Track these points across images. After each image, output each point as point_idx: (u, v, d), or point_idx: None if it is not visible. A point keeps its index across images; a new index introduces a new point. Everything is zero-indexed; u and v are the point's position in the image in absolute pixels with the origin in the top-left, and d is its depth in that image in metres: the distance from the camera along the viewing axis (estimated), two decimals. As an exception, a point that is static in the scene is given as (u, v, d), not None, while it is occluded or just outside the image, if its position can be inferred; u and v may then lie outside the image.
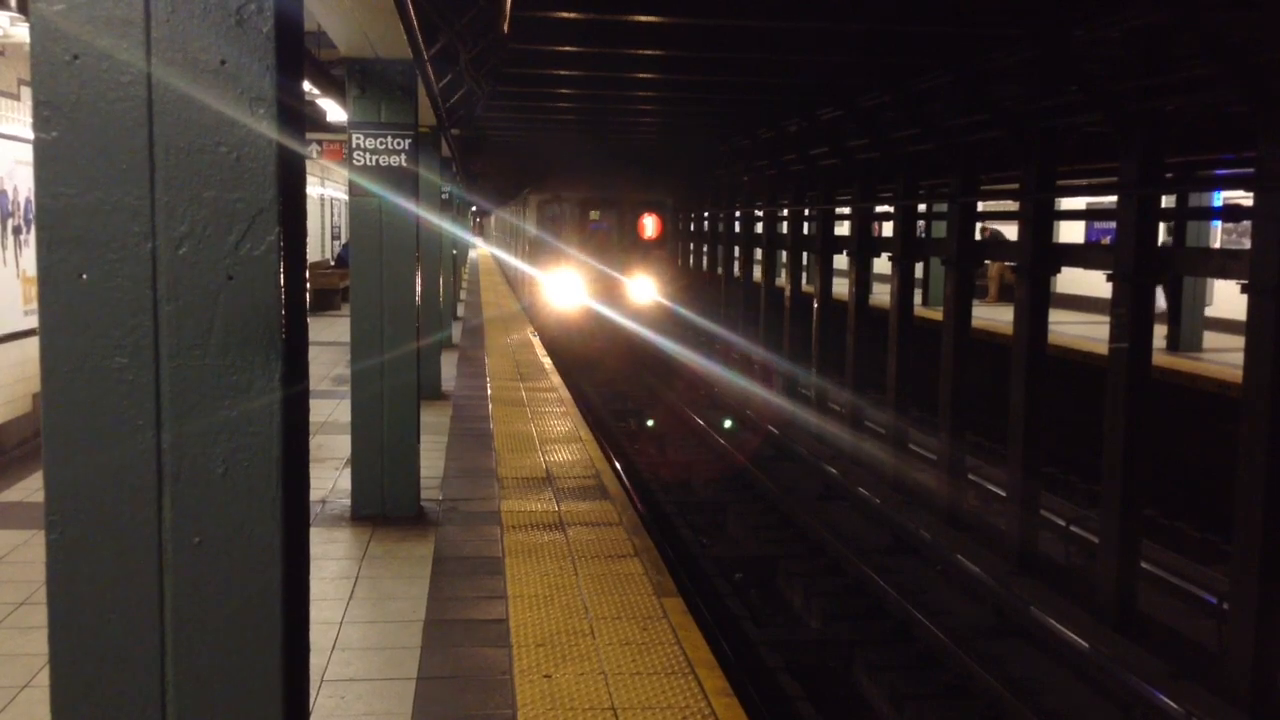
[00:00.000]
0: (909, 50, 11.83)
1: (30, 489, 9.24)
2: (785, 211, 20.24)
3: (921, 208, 16.94)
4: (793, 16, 10.32)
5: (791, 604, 10.70)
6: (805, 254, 19.89)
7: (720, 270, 26.46)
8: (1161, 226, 12.73)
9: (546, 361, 18.42)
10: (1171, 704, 7.71)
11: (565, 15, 10.15)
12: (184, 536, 2.22)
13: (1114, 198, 10.11)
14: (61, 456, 2.20)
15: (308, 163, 25.07)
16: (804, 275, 20.15)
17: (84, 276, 2.16)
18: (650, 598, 6.74)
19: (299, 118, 2.31)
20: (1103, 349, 10.21)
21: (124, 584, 2.23)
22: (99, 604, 2.24)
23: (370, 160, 8.37)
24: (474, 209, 61.83)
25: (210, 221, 2.16)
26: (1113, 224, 10.29)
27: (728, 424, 18.16)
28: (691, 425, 17.82)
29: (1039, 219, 11.22)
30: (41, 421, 2.22)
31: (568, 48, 11.35)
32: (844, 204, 18.23)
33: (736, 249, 24.54)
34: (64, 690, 2.26)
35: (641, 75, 13.90)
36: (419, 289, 8.78)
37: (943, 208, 15.15)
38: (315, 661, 5.64)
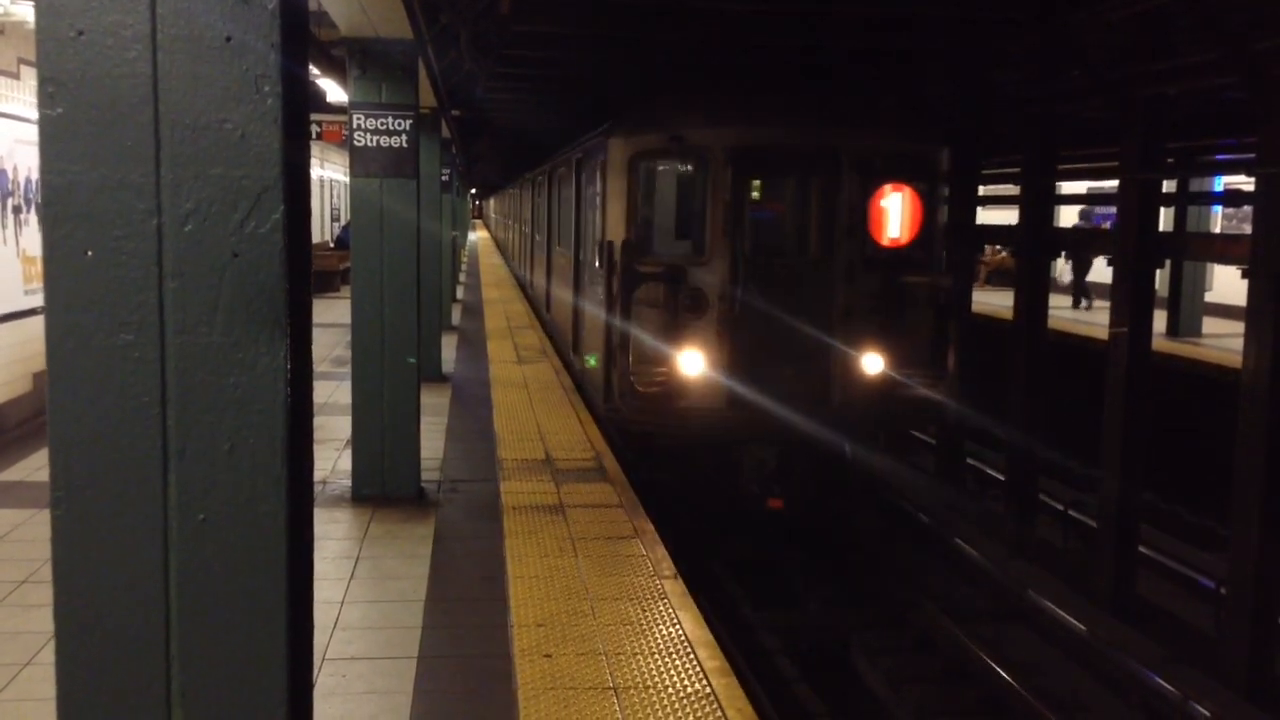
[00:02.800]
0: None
1: (30, 468, 9.25)
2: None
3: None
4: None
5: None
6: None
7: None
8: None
9: None
10: (1169, 687, 7.76)
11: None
12: (189, 513, 2.23)
13: (1114, 182, 10.10)
14: (67, 433, 2.21)
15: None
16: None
17: (89, 253, 2.16)
18: (650, 578, 6.76)
19: (304, 95, 2.31)
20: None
21: (129, 560, 2.24)
22: (104, 580, 2.25)
23: (371, 141, 8.36)
24: (473, 191, 59.60)
25: (215, 199, 2.16)
26: (1113, 209, 10.26)
27: None
28: None
29: (1038, 203, 11.21)
30: (47, 398, 2.22)
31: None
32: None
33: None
34: (69, 666, 2.27)
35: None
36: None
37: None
38: (317, 640, 5.64)
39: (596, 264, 11.06)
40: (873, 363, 9.85)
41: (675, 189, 10.49)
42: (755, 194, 10.28)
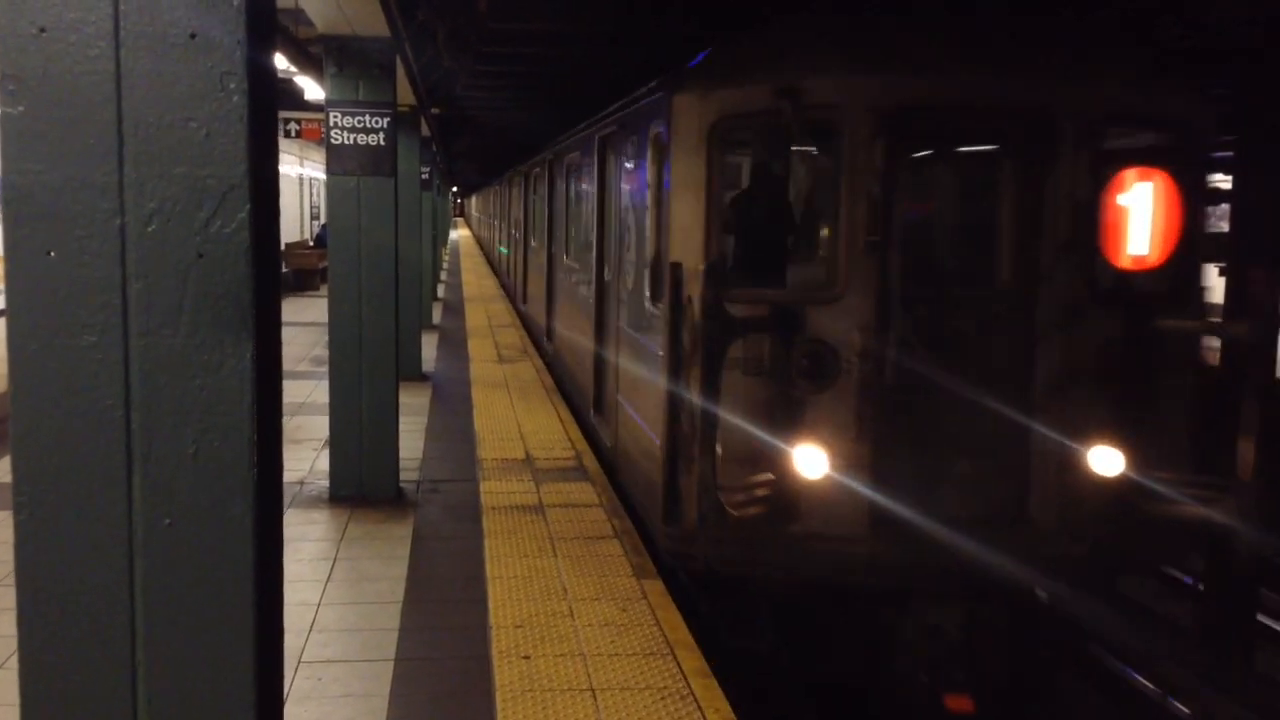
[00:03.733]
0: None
1: (5, 470, 9.17)
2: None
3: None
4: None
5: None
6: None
7: None
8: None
9: None
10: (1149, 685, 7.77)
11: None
12: (154, 518, 2.20)
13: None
14: (30, 436, 2.18)
15: (286, 141, 23.89)
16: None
17: (51, 254, 2.13)
18: (630, 579, 6.73)
19: (271, 92, 2.28)
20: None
21: (93, 566, 2.21)
22: (68, 586, 2.22)
23: (348, 139, 8.31)
24: (455, 190, 58.70)
25: (180, 198, 2.13)
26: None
27: None
28: None
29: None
30: (10, 400, 2.19)
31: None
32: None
33: None
34: (33, 672, 2.24)
35: None
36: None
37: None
38: (292, 643, 5.62)
39: (648, 297, 7.24)
40: (1106, 460, 6.07)
41: (785, 177, 6.71)
42: (906, 177, 6.29)
